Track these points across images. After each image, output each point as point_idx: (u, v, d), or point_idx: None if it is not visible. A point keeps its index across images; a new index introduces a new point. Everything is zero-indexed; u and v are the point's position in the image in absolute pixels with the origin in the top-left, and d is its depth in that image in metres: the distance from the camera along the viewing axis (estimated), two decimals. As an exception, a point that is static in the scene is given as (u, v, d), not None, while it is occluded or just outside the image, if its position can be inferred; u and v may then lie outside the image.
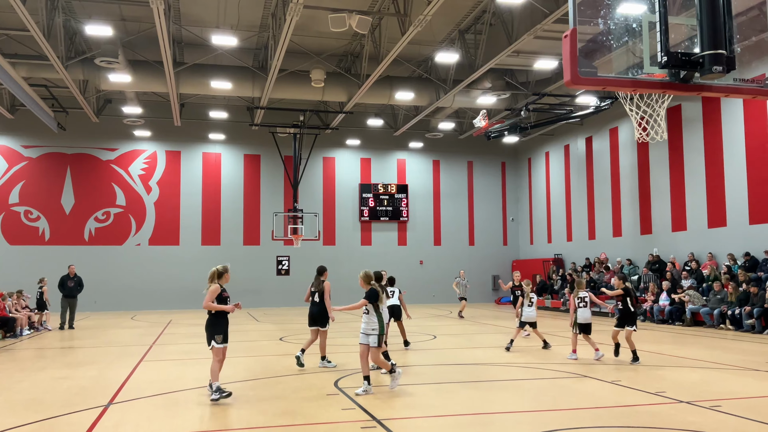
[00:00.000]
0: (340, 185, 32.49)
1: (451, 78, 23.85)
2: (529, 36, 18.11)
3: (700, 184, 21.83)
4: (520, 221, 34.64)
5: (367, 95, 24.50)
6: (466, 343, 14.90)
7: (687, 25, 5.50)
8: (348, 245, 32.08)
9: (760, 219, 19.41)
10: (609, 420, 7.06)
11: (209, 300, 8.27)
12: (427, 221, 33.45)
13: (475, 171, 34.43)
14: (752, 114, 19.67)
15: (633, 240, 25.24)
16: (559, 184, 30.81)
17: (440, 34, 22.18)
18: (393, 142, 32.70)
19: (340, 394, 8.59)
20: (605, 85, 5.48)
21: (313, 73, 23.36)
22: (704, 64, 5.22)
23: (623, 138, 25.94)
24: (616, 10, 5.88)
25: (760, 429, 6.61)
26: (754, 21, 5.84)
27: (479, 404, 8.04)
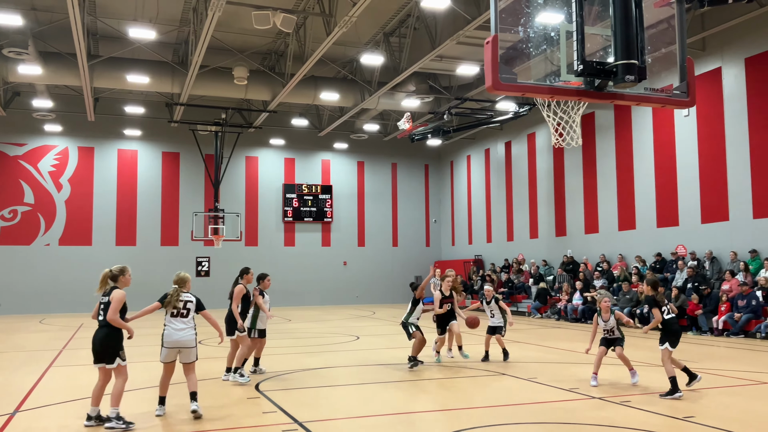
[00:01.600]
0: (263, 185, 32.03)
1: (376, 80, 23.97)
2: (451, 41, 18.43)
3: (611, 189, 22.83)
4: (442, 223, 35.20)
5: (291, 94, 24.27)
6: (388, 344, 14.99)
7: (602, 35, 5.74)
8: (271, 246, 31.67)
9: (666, 222, 20.50)
10: (525, 416, 7.27)
11: (116, 312, 6.79)
12: (351, 222, 33.47)
13: (399, 173, 34.73)
14: (660, 122, 20.75)
15: (548, 241, 26.12)
16: (480, 187, 31.51)
17: (365, 35, 22.26)
18: (318, 143, 32.54)
19: (261, 398, 8.47)
20: (524, 92, 5.63)
21: (236, 71, 22.93)
22: (618, 74, 5.46)
23: (540, 143, 26.81)
24: (535, 19, 6.07)
25: (665, 422, 6.96)
26: (663, 34, 6.16)
27: (400, 404, 8.10)
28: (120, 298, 6.89)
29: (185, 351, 7.39)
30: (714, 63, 18.92)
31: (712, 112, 18.87)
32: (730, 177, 18.36)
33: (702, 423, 6.80)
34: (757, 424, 6.80)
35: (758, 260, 17.06)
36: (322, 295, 31.87)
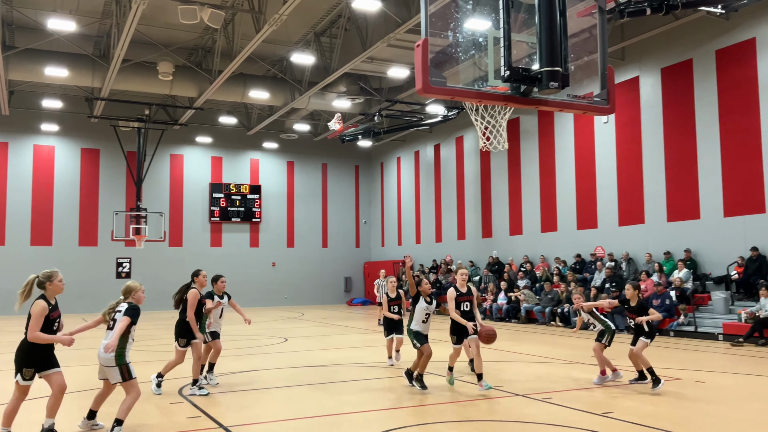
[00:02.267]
0: (188, 184, 31.24)
1: (306, 79, 23.80)
2: (382, 44, 18.53)
3: (534, 192, 23.51)
4: (372, 224, 35.32)
5: (219, 92, 23.78)
6: (317, 345, 14.90)
7: (528, 42, 5.90)
8: (196, 247, 30.92)
9: (586, 225, 21.27)
10: (451, 415, 7.38)
11: (36, 328, 5.94)
12: (280, 223, 33.09)
13: (329, 173, 34.62)
14: (581, 128, 21.52)
15: (475, 242, 26.64)
16: (410, 189, 31.81)
17: (296, 34, 22.07)
18: (246, 142, 32.01)
19: (185, 402, 8.24)
20: (453, 95, 5.71)
21: (161, 66, 22.27)
22: (542, 80, 5.61)
23: (468, 146, 27.31)
24: (464, 24, 6.17)
25: (585, 418, 7.21)
26: (585, 42, 6.38)
27: (329, 406, 8.06)
28: (38, 312, 5.99)
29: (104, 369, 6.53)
30: (632, 72, 19.78)
31: (630, 120, 19.72)
32: (645, 182, 19.23)
33: (619, 418, 7.08)
34: (670, 418, 7.14)
35: (672, 261, 17.94)
36: (250, 297, 31.29)
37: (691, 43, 18.01)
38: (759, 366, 11.26)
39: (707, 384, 9.23)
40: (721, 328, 15.12)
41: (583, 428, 6.66)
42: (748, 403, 8.05)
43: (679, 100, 18.35)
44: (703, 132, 17.67)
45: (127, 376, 6.38)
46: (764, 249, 15.98)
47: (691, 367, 11.07)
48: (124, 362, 6.40)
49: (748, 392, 8.75)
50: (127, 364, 6.41)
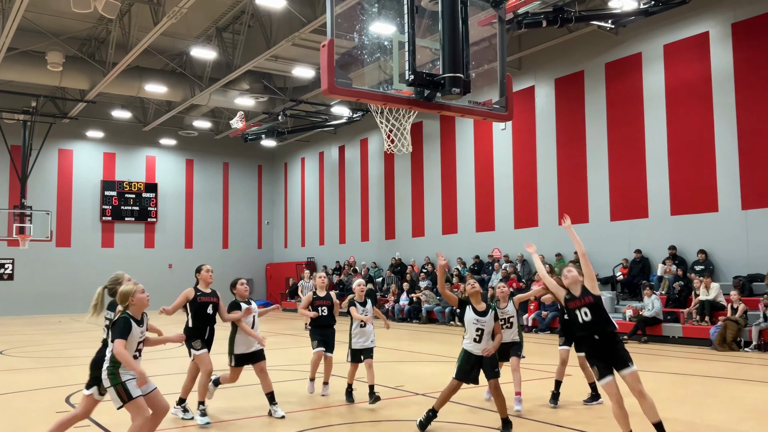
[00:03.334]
0: (78, 181, 29.60)
1: (207, 76, 23.14)
2: (287, 42, 18.32)
3: (436, 195, 24.02)
4: (275, 225, 34.85)
5: (113, 85, 22.68)
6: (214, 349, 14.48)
7: (432, 48, 6.00)
8: (86, 247, 29.35)
9: (484, 227, 21.95)
10: (354, 416, 7.39)
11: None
12: (178, 223, 31.99)
13: (231, 172, 33.83)
14: (481, 134, 22.20)
15: (379, 244, 26.87)
16: (314, 190, 31.64)
17: (197, 29, 21.42)
18: (142, 138, 30.71)
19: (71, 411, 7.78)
20: (359, 97, 5.73)
21: (50, 56, 20.97)
22: (445, 85, 5.73)
23: (372, 148, 27.52)
24: (370, 27, 6.20)
25: (482, 415, 7.41)
26: (485, 51, 6.58)
27: (227, 412, 7.86)
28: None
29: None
30: (528, 81, 20.62)
31: (526, 127, 20.54)
32: (539, 187, 20.09)
33: (514, 415, 7.33)
34: (561, 413, 7.47)
35: (563, 262, 18.83)
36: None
37: (583, 56, 19.00)
38: (642, 362, 12.01)
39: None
40: (607, 326, 15.99)
41: (481, 425, 6.85)
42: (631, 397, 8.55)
43: (571, 109, 19.31)
44: (592, 140, 18.68)
45: (126, 397, 5.29)
46: (647, 251, 17.09)
47: (580, 363, 11.64)
48: (119, 381, 5.26)
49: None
50: (123, 383, 5.26)
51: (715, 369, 10.89)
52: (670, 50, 16.94)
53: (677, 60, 16.79)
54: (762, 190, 14.97)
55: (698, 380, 9.75)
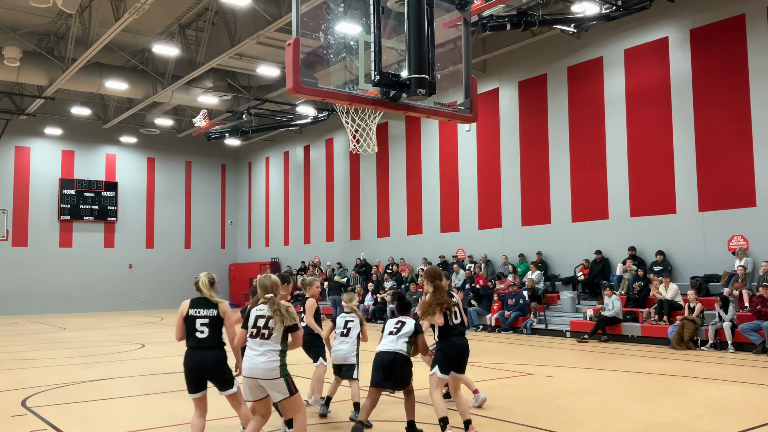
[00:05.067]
0: (35, 179, 28.84)
1: (170, 73, 22.78)
2: (251, 41, 18.16)
3: (402, 196, 24.08)
4: (239, 225, 34.50)
5: (72, 81, 22.16)
6: (177, 351, 14.28)
7: (398, 49, 6.02)
8: (43, 247, 28.63)
9: (449, 228, 22.09)
10: (318, 417, 7.36)
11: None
12: (138, 222, 31.42)
13: (193, 171, 33.37)
14: (446, 135, 22.33)
15: (344, 244, 26.82)
16: (279, 189, 31.42)
17: (159, 25, 21.08)
18: (102, 135, 30.06)
19: (29, 414, 7.59)
20: (324, 97, 5.71)
21: (7, 51, 20.39)
22: (411, 86, 5.75)
23: (338, 148, 27.46)
24: (335, 26, 6.18)
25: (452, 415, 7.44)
26: (450, 53, 6.62)
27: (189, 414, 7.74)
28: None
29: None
30: (493, 84, 20.82)
31: (490, 129, 20.74)
32: (503, 188, 20.30)
33: (476, 413, 7.39)
34: (523, 411, 7.56)
35: (525, 263, 19.07)
36: (103, 301, 29.50)
37: (546, 59, 19.26)
38: (601, 361, 12.24)
39: (556, 378, 9.89)
40: (569, 326, 16.28)
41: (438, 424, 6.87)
42: (590, 395, 8.71)
43: (534, 111, 19.56)
44: (554, 143, 18.95)
45: (293, 389, 5.27)
46: (607, 252, 17.41)
47: (542, 362, 11.81)
48: (288, 373, 5.25)
49: (591, 385, 9.47)
50: (290, 375, 5.29)
51: (672, 367, 11.15)
52: (630, 55, 17.30)
53: (637, 64, 17.15)
54: (718, 192, 15.39)
55: (655, 378, 9.97)
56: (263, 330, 5.29)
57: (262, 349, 5.25)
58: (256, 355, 5.25)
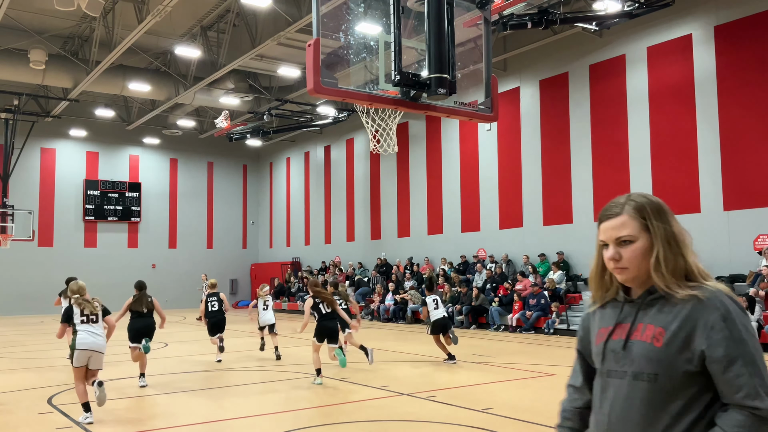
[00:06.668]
0: (61, 180, 29.31)
1: (192, 74, 23.00)
2: (272, 42, 18.27)
3: (422, 195, 24.06)
4: (260, 225, 34.72)
5: (96, 83, 22.48)
6: (200, 350, 14.43)
7: (418, 49, 6.01)
8: (68, 247, 29.06)
9: (469, 228, 22.03)
10: (338, 416, 7.39)
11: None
12: (162, 222, 31.76)
13: (215, 172, 33.65)
14: (466, 135, 22.27)
15: (364, 244, 26.86)
16: (299, 190, 31.57)
17: (181, 27, 21.30)
18: (125, 137, 30.46)
19: (55, 412, 7.72)
20: (345, 97, 5.72)
21: (33, 54, 20.74)
22: (431, 86, 5.74)
23: (358, 149, 27.51)
24: (356, 26, 6.20)
25: (467, 414, 7.44)
26: (471, 52, 6.60)
27: (212, 411, 7.83)
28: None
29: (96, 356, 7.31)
30: (513, 83, 20.71)
31: (511, 128, 20.63)
32: (524, 188, 20.19)
33: (499, 414, 7.37)
34: (545, 412, 7.52)
35: (546, 263, 18.95)
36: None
37: (567, 58, 19.12)
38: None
39: (578, 379, 9.81)
40: (591, 326, 16.09)
41: (465, 425, 6.87)
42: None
43: (556, 110, 19.43)
44: (576, 142, 18.81)
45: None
46: (629, 252, 17.20)
47: (564, 363, 11.73)
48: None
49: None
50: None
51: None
52: (653, 52, 17.11)
53: (660, 62, 16.95)
54: (743, 191, 15.15)
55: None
56: (91, 316, 7.47)
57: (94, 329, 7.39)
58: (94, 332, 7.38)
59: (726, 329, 1.76)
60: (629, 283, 1.94)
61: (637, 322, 1.90)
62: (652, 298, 1.90)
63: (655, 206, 1.96)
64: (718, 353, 1.75)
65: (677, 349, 1.80)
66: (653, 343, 1.83)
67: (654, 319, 1.87)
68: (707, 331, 1.78)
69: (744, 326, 1.78)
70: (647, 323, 1.87)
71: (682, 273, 1.90)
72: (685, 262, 1.94)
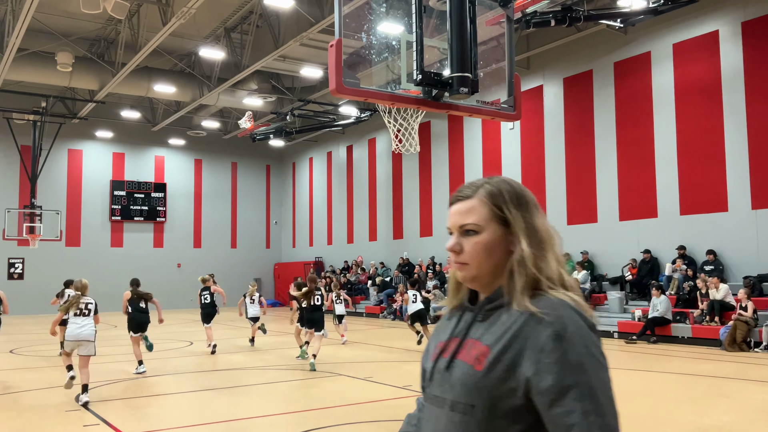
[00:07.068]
0: (88, 181, 29.76)
1: (216, 76, 23.21)
2: (295, 42, 18.35)
3: (444, 195, 23.99)
4: (283, 224, 34.91)
5: (122, 85, 22.78)
6: (223, 348, 14.56)
7: (440, 48, 5.99)
8: (95, 247, 29.50)
9: (492, 227, 21.88)
10: (360, 416, 7.39)
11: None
12: (186, 222, 32.10)
13: (239, 172, 33.92)
14: (488, 134, 22.16)
15: (386, 244, 26.87)
16: (322, 189, 31.68)
17: (205, 29, 21.49)
18: (151, 138, 30.84)
19: (82, 410, 7.84)
20: (367, 97, 5.73)
21: (60, 56, 21.09)
22: (453, 85, 5.71)
23: (380, 148, 27.52)
24: (377, 26, 6.20)
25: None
26: (493, 51, 6.56)
27: (234, 410, 7.89)
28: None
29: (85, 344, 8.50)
30: (537, 81, 20.56)
31: (534, 127, 20.48)
32: (547, 187, 20.03)
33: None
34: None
35: (571, 263, 18.77)
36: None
37: (592, 55, 18.92)
38: (650, 362, 11.97)
39: (603, 379, 9.70)
40: (616, 327, 15.96)
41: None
42: (639, 398, 8.53)
43: (580, 109, 19.24)
44: (601, 140, 18.60)
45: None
46: (656, 251, 17.01)
47: (588, 363, 11.60)
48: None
49: (639, 387, 9.27)
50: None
51: (724, 369, 10.83)
52: (679, 49, 16.86)
53: (686, 59, 16.70)
54: (772, 189, 14.87)
55: (706, 381, 9.70)
56: (84, 311, 8.69)
57: (83, 321, 8.62)
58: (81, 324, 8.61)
59: (558, 351, 1.35)
60: (471, 284, 1.57)
61: (468, 337, 1.51)
62: (491, 307, 1.51)
63: (516, 194, 1.59)
64: (546, 382, 1.34)
65: (500, 375, 1.40)
66: (474, 366, 1.44)
67: (483, 334, 1.47)
68: (536, 353, 1.37)
69: (585, 348, 1.37)
70: (476, 339, 1.48)
71: (536, 279, 1.48)
72: (547, 267, 1.50)
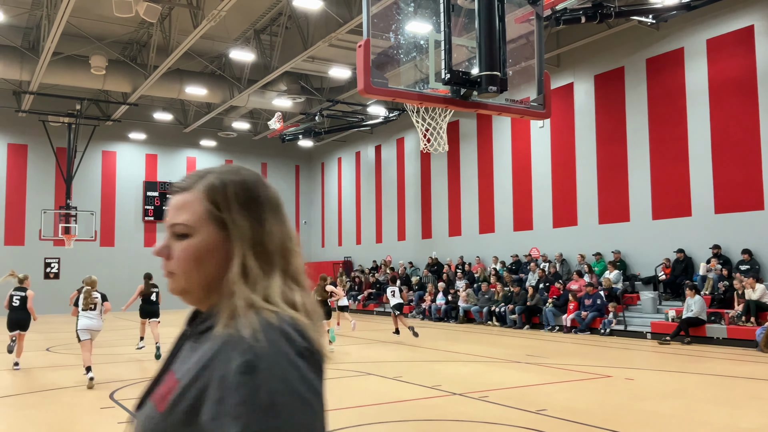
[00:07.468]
0: (121, 182, 30.29)
1: (246, 77, 23.44)
2: (324, 43, 18.44)
3: (473, 194, 23.88)
4: (312, 224, 35.10)
5: (154, 87, 23.15)
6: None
7: (468, 47, 5.98)
8: (129, 247, 30.00)
9: (522, 227, 21.75)
10: (390, 415, 7.41)
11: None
12: (217, 222, 32.42)
13: (269, 173, 34.18)
14: (518, 132, 21.99)
15: (415, 243, 26.84)
16: (350, 189, 31.78)
17: (235, 31, 21.72)
18: (182, 139, 31.27)
19: (116, 407, 7.99)
20: (395, 97, 5.74)
21: (94, 60, 21.50)
22: (482, 84, 5.70)
23: (409, 148, 27.50)
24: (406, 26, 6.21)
25: (520, 415, 7.36)
26: (522, 49, 6.53)
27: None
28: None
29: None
30: (567, 79, 20.34)
31: (564, 125, 20.27)
32: (579, 185, 19.81)
33: (552, 415, 7.26)
34: (601, 414, 7.37)
35: (602, 262, 18.54)
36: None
37: (623, 52, 18.66)
38: (684, 363, 11.76)
39: (636, 381, 9.58)
40: (650, 327, 15.72)
41: (519, 426, 6.80)
42: (673, 399, 8.39)
43: (611, 106, 18.99)
44: (633, 138, 18.34)
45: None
46: (690, 251, 16.70)
47: (621, 365, 11.47)
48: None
49: (673, 389, 9.12)
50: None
51: (760, 371, 10.59)
52: (713, 45, 16.53)
53: (721, 55, 16.37)
54: (811, 187, 14.49)
55: (742, 382, 9.50)
56: (90, 305, 9.69)
57: (92, 314, 9.70)
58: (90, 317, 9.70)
59: (245, 388, 1.03)
60: (183, 299, 1.25)
61: (170, 368, 1.22)
62: (204, 328, 1.19)
63: (247, 189, 1.23)
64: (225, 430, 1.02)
65: (180, 418, 1.10)
66: (156, 407, 1.15)
67: (181, 364, 1.19)
68: (219, 390, 1.06)
69: (283, 383, 1.05)
70: (174, 369, 1.20)
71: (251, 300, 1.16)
72: (270, 286, 1.22)
